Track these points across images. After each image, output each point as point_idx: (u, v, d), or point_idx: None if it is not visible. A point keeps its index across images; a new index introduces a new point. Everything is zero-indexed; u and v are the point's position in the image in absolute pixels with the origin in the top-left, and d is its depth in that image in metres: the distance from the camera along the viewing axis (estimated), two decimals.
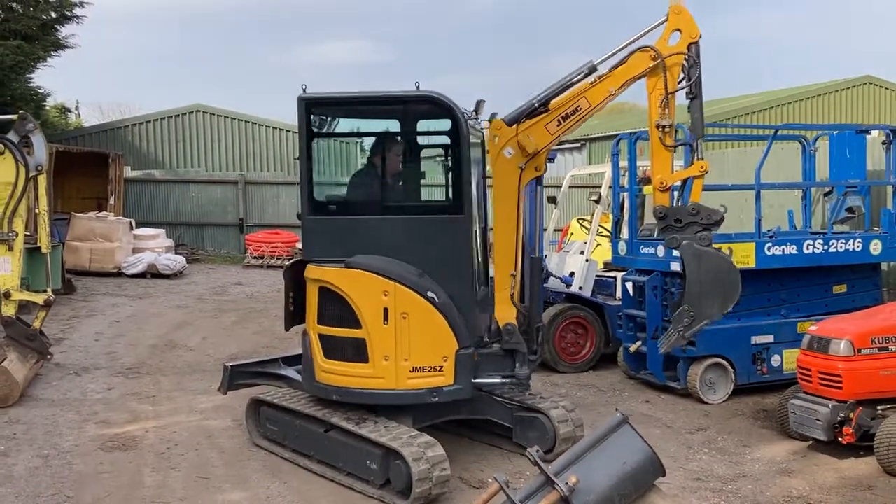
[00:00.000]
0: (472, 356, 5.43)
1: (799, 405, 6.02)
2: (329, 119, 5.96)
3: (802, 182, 8.85)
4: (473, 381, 5.43)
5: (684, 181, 5.50)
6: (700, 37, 5.37)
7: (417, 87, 5.35)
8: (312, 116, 5.62)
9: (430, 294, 5.31)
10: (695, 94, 5.41)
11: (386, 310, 5.26)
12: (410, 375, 5.32)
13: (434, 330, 5.33)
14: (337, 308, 5.39)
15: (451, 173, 5.69)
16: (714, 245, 5.39)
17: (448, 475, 4.99)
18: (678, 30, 5.39)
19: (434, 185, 6.77)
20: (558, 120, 5.48)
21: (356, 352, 5.34)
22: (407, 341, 5.29)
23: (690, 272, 5.28)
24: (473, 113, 5.80)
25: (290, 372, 6.22)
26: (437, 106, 5.46)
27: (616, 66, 5.48)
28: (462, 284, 5.47)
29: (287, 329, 6.14)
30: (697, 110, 5.41)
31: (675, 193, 5.68)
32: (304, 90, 5.50)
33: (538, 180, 6.08)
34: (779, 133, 8.79)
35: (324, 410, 5.59)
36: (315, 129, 5.73)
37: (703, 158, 5.42)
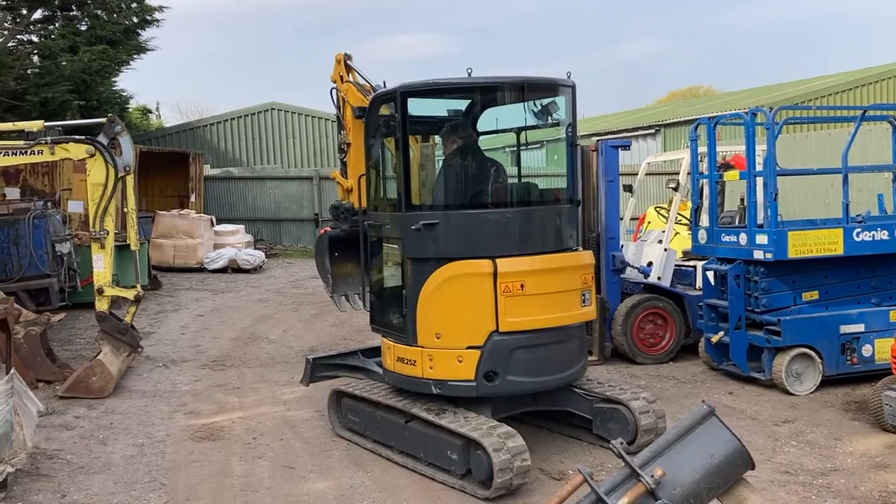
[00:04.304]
0: None
1: (895, 397, 5.79)
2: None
3: (893, 164, 8.47)
4: None
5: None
6: None
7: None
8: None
9: None
10: None
11: None
12: None
13: None
14: None
15: None
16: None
17: (528, 465, 4.99)
18: None
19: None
20: None
21: None
22: None
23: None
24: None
25: (370, 364, 6.32)
26: None
27: None
28: None
29: None
30: None
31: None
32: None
33: None
34: (867, 114, 8.43)
35: (404, 401, 5.66)
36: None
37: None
